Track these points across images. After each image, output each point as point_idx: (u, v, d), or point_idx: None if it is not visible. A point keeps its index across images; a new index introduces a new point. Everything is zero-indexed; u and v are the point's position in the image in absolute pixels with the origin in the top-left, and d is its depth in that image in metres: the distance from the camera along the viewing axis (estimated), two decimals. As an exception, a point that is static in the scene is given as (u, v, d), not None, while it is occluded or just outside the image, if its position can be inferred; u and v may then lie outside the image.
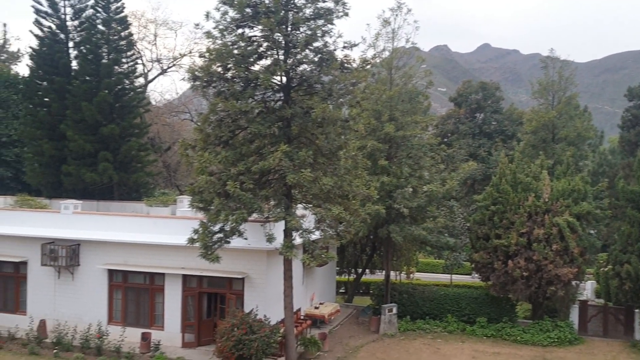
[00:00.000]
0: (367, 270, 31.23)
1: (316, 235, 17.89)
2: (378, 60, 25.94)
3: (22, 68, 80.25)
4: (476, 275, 25.85)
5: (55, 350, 18.99)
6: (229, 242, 17.23)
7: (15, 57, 51.43)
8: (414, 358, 20.25)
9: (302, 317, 21.80)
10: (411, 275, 35.58)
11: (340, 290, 32.16)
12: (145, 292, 20.48)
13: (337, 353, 20.05)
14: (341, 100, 17.44)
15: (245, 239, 17.43)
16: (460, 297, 25.00)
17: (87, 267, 20.88)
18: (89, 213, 22.45)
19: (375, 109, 24.38)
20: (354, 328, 23.79)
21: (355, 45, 17.59)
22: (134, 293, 20.64)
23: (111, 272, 20.75)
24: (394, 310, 23.62)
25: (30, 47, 32.96)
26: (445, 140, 44.53)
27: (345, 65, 17.41)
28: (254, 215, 17.34)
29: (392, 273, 28.00)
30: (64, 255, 20.55)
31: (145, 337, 19.35)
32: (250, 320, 16.84)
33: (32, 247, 21.31)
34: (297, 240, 17.59)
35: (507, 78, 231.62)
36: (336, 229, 17.97)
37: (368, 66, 19.24)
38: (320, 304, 23.92)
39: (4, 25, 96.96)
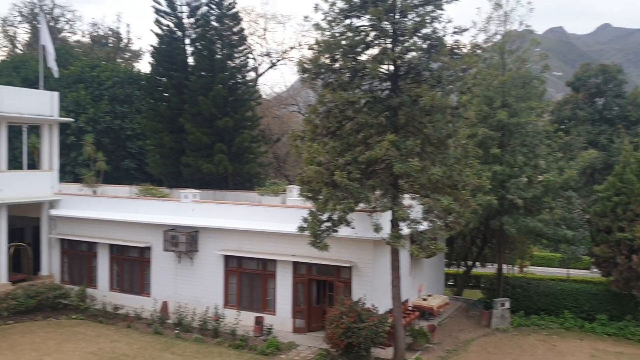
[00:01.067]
0: (477, 263, 30.40)
1: (424, 226, 17.67)
2: (489, 45, 25.01)
3: (144, 65, 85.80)
4: (595, 270, 24.31)
5: (176, 331, 20.26)
6: (336, 231, 17.48)
7: (137, 55, 55.27)
8: (527, 354, 19.46)
9: (410, 308, 21.65)
10: (525, 268, 34.15)
11: (449, 283, 31.55)
12: (258, 278, 21.28)
13: (446, 346, 19.73)
14: (450, 87, 17.04)
15: (353, 228, 17.60)
16: (578, 292, 23.67)
17: (204, 252, 22.05)
18: (206, 202, 23.64)
19: (487, 95, 23.52)
20: (463, 321, 23.27)
21: (465, 30, 17.12)
22: (247, 278, 21.52)
23: (227, 258, 21.76)
24: (507, 305, 22.81)
25: (151, 45, 35.19)
26: (562, 127, 42.01)
27: (455, 51, 16.97)
28: (361, 205, 17.44)
29: (504, 266, 27.02)
30: (184, 242, 21.81)
31: (258, 321, 20.15)
32: (358, 308, 16.99)
33: (155, 233, 22.83)
34: (405, 230, 17.47)
35: (631, 60, 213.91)
36: (445, 220, 17.63)
37: (479, 51, 18.66)
38: (429, 295, 23.61)
39: (127, 25, 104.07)
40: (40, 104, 24.84)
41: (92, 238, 24.30)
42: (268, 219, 20.93)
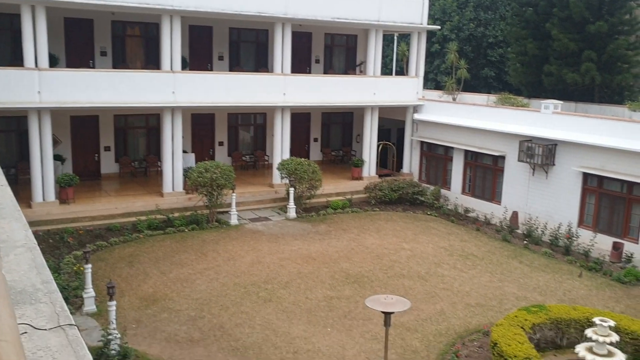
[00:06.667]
0: None
1: None
2: None
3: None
4: None
5: (525, 242, 20.23)
6: None
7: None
8: None
9: None
10: None
11: None
12: (621, 201, 19.39)
13: None
14: None
15: None
16: None
17: (561, 167, 21.02)
18: (568, 114, 22.20)
19: None
20: None
21: None
22: (608, 200, 19.83)
23: (585, 176, 20.34)
24: None
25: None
26: None
27: None
28: None
29: None
30: (540, 154, 21.12)
31: (616, 247, 18.60)
32: None
33: (511, 143, 22.62)
34: None
35: None
36: None
37: None
38: None
39: None
40: (411, 13, 26.34)
41: (449, 143, 25.47)
42: (639, 137, 18.59)
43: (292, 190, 22.17)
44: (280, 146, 24.38)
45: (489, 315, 14.21)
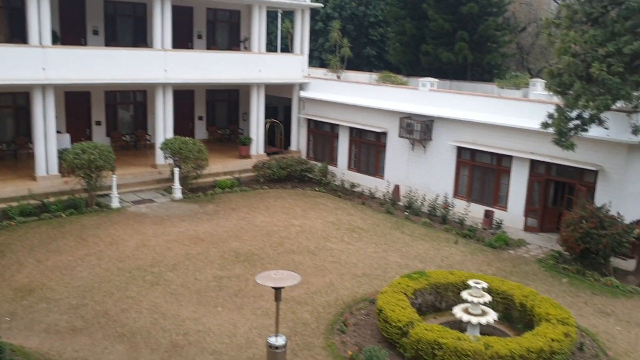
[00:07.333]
0: None
1: (696, 132, 15.29)
2: None
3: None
4: None
5: (406, 213, 21.24)
6: (586, 130, 16.08)
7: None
8: None
9: (662, 222, 19.45)
10: None
11: None
12: (491, 172, 20.90)
13: (702, 268, 17.51)
14: None
15: (606, 128, 16.01)
16: None
17: (437, 142, 22.21)
18: (443, 91, 23.42)
19: None
20: None
21: None
22: (480, 171, 21.29)
23: (459, 149, 21.65)
24: None
25: None
26: None
27: None
28: (619, 104, 15.65)
29: None
30: (419, 130, 22.16)
31: (487, 215, 20.08)
32: (601, 215, 15.79)
33: (392, 120, 23.52)
34: (672, 135, 15.37)
35: None
36: None
37: None
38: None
39: None
40: (294, -10, 26.35)
41: (335, 120, 26.00)
42: (507, 113, 20.04)
43: (177, 170, 21.59)
44: (163, 125, 23.59)
45: (375, 284, 14.83)
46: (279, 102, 29.53)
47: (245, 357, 11.19)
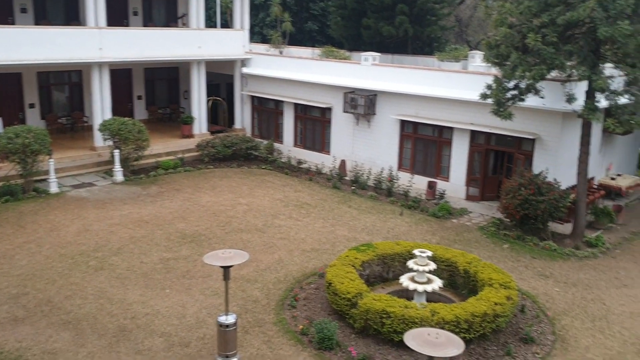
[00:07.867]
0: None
1: (625, 100, 15.96)
2: None
3: None
4: None
5: (353, 187, 21.42)
6: (523, 100, 16.53)
7: None
8: None
9: (595, 187, 20.38)
10: None
11: (643, 165, 28.82)
12: (433, 144, 21.29)
13: (632, 227, 18.51)
14: None
15: (542, 97, 16.50)
16: None
17: (381, 116, 22.39)
18: (385, 65, 23.55)
19: None
20: (655, 205, 21.46)
21: None
22: (422, 144, 21.65)
23: (403, 123, 21.92)
24: None
25: None
26: None
27: None
28: (553, 74, 16.14)
29: None
30: (362, 104, 22.27)
31: (431, 186, 20.50)
32: (539, 181, 16.39)
33: (336, 95, 23.53)
34: (602, 103, 15.99)
35: None
36: (651, 92, 15.70)
37: None
38: (618, 175, 21.90)
39: None
40: (232, -36, 25.73)
41: (279, 97, 25.79)
42: (447, 85, 20.39)
43: (117, 152, 20.98)
44: (101, 106, 22.81)
45: (324, 258, 14.95)
46: (221, 79, 29.03)
47: (195, 337, 11.11)
